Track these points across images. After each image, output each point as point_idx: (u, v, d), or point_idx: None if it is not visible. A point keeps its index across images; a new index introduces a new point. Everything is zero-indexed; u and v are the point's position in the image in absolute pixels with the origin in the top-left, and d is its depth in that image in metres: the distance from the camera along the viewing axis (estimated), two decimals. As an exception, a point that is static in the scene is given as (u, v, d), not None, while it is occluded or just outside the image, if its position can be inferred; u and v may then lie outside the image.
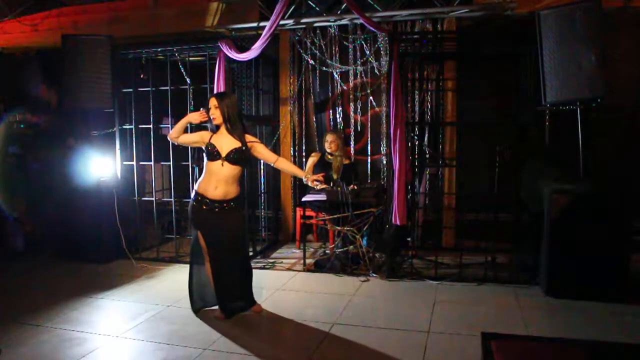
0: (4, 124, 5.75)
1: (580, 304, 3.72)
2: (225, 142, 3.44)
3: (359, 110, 5.72)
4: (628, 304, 3.67)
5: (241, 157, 3.44)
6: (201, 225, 3.47)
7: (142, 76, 5.41)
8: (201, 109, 3.57)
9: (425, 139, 5.42)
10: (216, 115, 3.45)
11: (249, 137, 3.53)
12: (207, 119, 3.51)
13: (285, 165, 3.77)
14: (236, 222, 3.52)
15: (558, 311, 3.67)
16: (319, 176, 3.61)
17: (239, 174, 3.50)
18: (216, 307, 3.58)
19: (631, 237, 3.90)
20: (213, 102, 3.47)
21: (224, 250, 3.45)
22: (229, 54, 4.77)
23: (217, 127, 3.50)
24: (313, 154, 5.38)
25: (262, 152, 3.59)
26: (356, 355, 3.06)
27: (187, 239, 5.52)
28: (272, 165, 3.66)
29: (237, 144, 3.44)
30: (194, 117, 3.54)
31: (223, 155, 3.39)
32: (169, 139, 3.61)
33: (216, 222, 3.43)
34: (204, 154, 3.49)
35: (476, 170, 5.18)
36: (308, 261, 4.82)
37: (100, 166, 5.18)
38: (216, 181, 3.41)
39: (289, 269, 4.80)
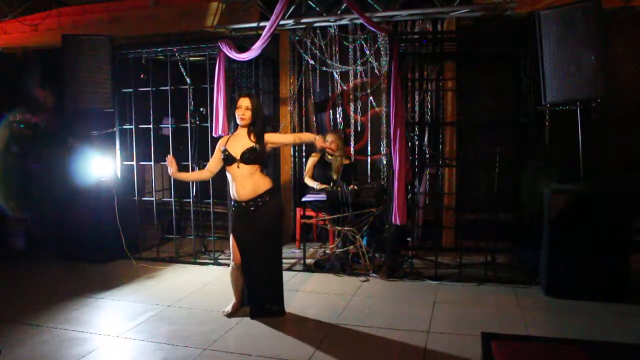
0: (4, 124, 5.75)
1: (580, 304, 3.71)
2: (239, 144, 3.42)
3: (359, 110, 5.72)
4: (628, 304, 3.67)
5: (255, 156, 3.41)
6: (236, 229, 3.48)
7: (142, 76, 5.42)
8: (168, 156, 3.55)
9: (425, 139, 5.42)
10: (246, 116, 3.42)
11: (265, 136, 3.49)
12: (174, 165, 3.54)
13: (303, 137, 3.95)
14: (270, 214, 3.47)
15: (558, 311, 3.67)
16: (330, 145, 3.75)
17: (260, 169, 3.48)
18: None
19: (631, 237, 3.90)
20: (246, 102, 3.43)
21: (253, 247, 3.44)
22: (229, 54, 4.77)
23: (234, 129, 3.52)
24: (313, 154, 5.38)
25: (277, 141, 3.69)
26: (356, 356, 3.06)
27: (187, 239, 5.55)
28: (293, 144, 3.71)
29: (250, 143, 3.41)
30: (172, 168, 3.54)
31: (237, 157, 3.39)
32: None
33: (250, 221, 3.43)
34: (223, 162, 3.48)
35: (476, 170, 5.18)
36: (308, 261, 4.82)
37: (100, 166, 5.18)
38: (240, 181, 3.42)
39: (289, 269, 4.79)
